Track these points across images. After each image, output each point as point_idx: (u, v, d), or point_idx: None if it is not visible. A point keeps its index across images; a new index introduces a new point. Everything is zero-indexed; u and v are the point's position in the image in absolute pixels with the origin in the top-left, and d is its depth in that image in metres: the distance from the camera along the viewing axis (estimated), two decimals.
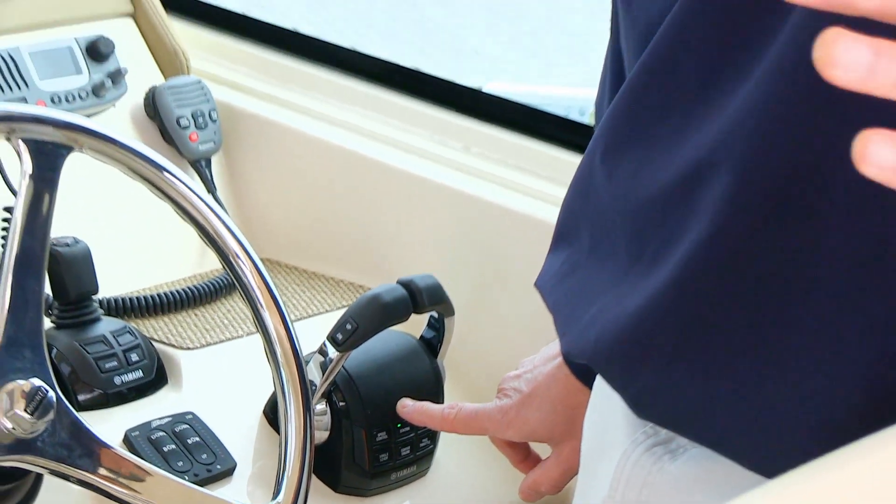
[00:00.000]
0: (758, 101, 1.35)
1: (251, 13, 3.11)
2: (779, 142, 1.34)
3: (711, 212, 1.37)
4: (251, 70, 2.85)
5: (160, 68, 2.74)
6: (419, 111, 2.64)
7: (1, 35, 2.56)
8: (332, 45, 2.90)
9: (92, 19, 2.67)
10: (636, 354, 1.44)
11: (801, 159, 1.35)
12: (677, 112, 1.44)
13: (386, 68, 2.79)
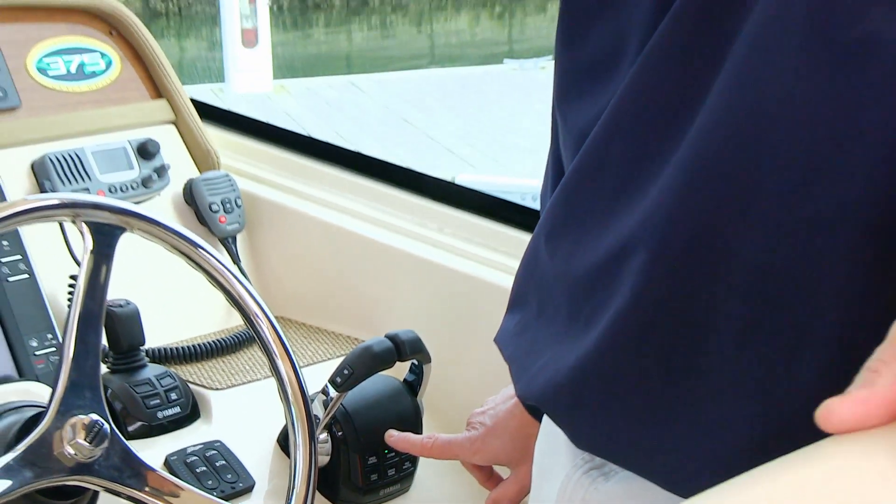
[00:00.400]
0: (667, 195, 1.36)
1: (270, 121, 3.12)
2: (685, 226, 1.35)
3: (631, 283, 1.37)
4: (269, 166, 2.85)
5: (196, 164, 2.74)
6: (403, 199, 2.65)
7: (70, 138, 2.57)
8: (334, 146, 2.90)
9: (142, 126, 2.68)
10: (574, 399, 1.45)
11: (703, 240, 1.35)
12: (604, 204, 1.44)
13: (377, 165, 2.79)
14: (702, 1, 1.37)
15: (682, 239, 1.35)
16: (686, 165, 1.34)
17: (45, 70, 2.61)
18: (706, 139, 1.35)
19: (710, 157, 1.35)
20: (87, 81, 2.66)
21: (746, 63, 1.33)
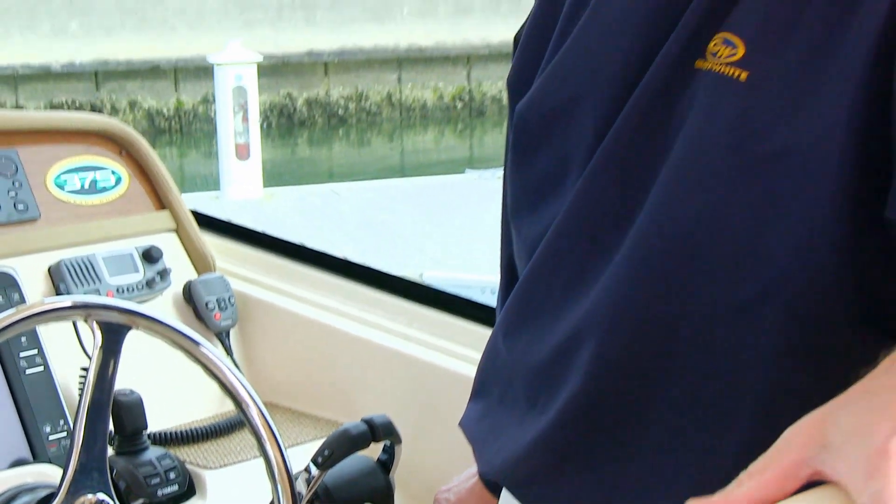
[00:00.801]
0: (612, 291, 1.38)
1: (261, 225, 3.13)
2: (628, 317, 1.36)
3: (581, 369, 1.39)
4: (258, 268, 2.85)
5: (194, 267, 2.74)
6: (376, 297, 2.66)
7: (83, 245, 2.58)
8: (316, 250, 2.91)
9: (147, 234, 2.68)
10: (529, 473, 1.47)
11: (645, 328, 1.37)
12: (555, 302, 1.46)
13: (353, 267, 2.80)
14: (636, 125, 1.39)
15: (626, 328, 1.36)
16: (628, 265, 1.36)
17: (63, 186, 2.63)
18: (645, 242, 1.36)
19: (648, 257, 1.36)
20: (99, 195, 2.67)
21: (677, 175, 1.34)
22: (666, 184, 1.36)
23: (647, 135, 1.39)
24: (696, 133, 1.34)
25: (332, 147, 20.74)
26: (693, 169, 1.34)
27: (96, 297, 2.20)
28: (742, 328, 1.32)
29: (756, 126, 1.29)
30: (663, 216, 1.36)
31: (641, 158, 1.39)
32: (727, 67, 1.32)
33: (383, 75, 21.43)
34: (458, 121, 21.44)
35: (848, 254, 1.27)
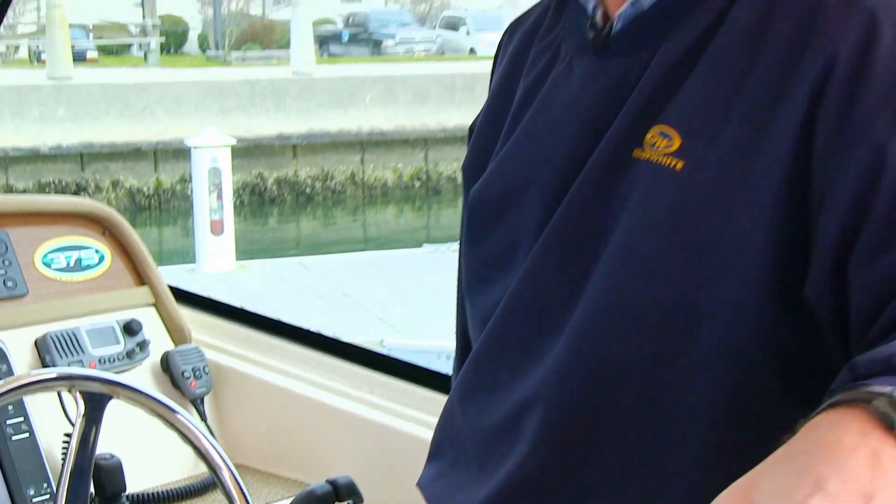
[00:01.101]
0: (558, 363, 1.38)
1: (234, 296, 3.12)
2: (573, 387, 1.37)
3: (530, 435, 1.39)
4: (231, 339, 2.83)
5: (172, 339, 2.72)
6: (341, 366, 2.65)
7: (68, 319, 2.56)
8: (285, 323, 2.90)
9: (127, 308, 2.67)
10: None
11: (587, 398, 1.37)
12: (506, 372, 1.46)
13: (318, 339, 2.79)
14: (579, 209, 1.40)
15: (571, 399, 1.37)
16: (573, 340, 1.37)
17: (50, 264, 2.61)
18: (588, 319, 1.37)
19: (591, 333, 1.37)
20: (83, 273, 2.65)
21: (618, 257, 1.35)
22: (608, 265, 1.37)
23: (590, 219, 1.40)
24: (636, 218, 1.35)
25: (300, 223, 20.73)
26: (633, 251, 1.35)
27: (79, 368, 2.19)
28: (677, 399, 1.33)
29: (690, 212, 1.30)
30: (605, 295, 1.37)
31: (584, 240, 1.40)
32: (664, 157, 1.33)
33: (347, 157, 21.49)
34: (416, 198, 21.50)
35: (773, 330, 1.28)
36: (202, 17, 39.59)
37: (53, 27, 22.68)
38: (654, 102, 1.36)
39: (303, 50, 23.91)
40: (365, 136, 21.58)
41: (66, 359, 2.48)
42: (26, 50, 28.87)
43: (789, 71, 1.27)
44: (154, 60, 28.83)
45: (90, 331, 2.56)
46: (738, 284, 1.28)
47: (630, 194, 1.35)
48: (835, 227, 1.22)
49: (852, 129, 1.22)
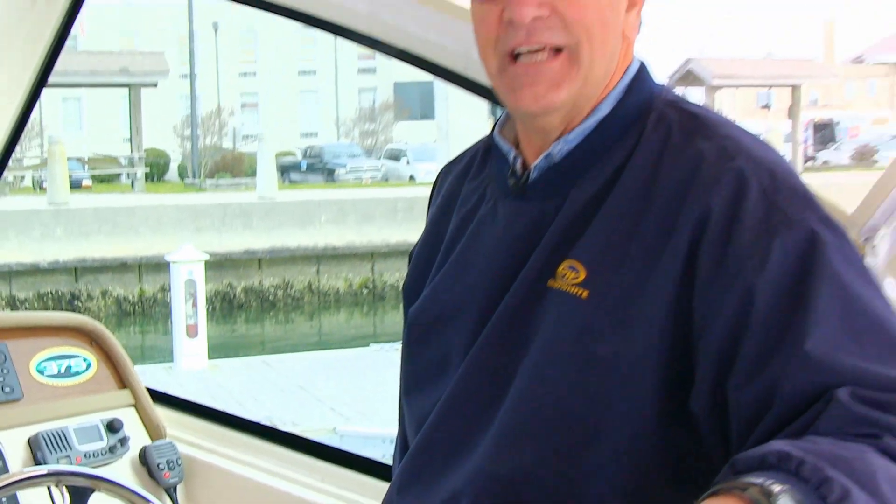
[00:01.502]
0: (483, 462, 1.38)
1: (207, 391, 3.08)
2: (495, 483, 1.36)
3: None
4: (200, 434, 2.79)
5: (149, 435, 2.68)
6: (296, 458, 2.61)
7: (58, 420, 2.52)
8: (248, 420, 2.87)
9: (110, 409, 2.63)
10: None
11: (508, 492, 1.36)
12: (438, 467, 1.45)
13: (277, 433, 2.77)
14: (501, 330, 1.41)
15: (492, 493, 1.36)
16: (494, 443, 1.38)
17: (43, 371, 2.58)
18: (508, 425, 1.38)
19: (510, 437, 1.37)
20: (72, 378, 2.62)
21: (533, 371, 1.36)
22: (524, 378, 1.37)
23: (509, 340, 1.40)
24: (548, 338, 1.36)
25: (264, 325, 20.60)
26: (545, 367, 1.36)
27: (66, 466, 2.14)
28: (582, 495, 1.33)
29: (594, 335, 1.32)
30: (522, 405, 1.37)
31: (505, 357, 1.40)
32: (572, 287, 1.35)
33: (305, 268, 21.47)
34: (364, 304, 21.47)
35: (664, 437, 1.30)
36: (181, 150, 39.61)
37: (54, 160, 22.64)
38: (565, 241, 1.38)
39: (267, 178, 23.97)
40: (320, 250, 21.61)
41: (55, 454, 2.43)
42: (30, 179, 28.69)
43: (674, 219, 1.30)
44: (140, 187, 28.73)
45: (77, 429, 2.52)
46: (633, 398, 1.29)
47: (544, 318, 1.37)
48: (713, 354, 1.24)
49: (726, 270, 1.25)
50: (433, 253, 1.60)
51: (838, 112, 50.03)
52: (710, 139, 1.34)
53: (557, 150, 1.42)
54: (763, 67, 36.79)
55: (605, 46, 1.39)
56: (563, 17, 1.35)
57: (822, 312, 1.19)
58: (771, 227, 1.25)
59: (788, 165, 1.35)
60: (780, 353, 1.19)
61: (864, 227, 1.55)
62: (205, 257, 14.11)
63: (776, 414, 1.16)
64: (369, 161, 38.67)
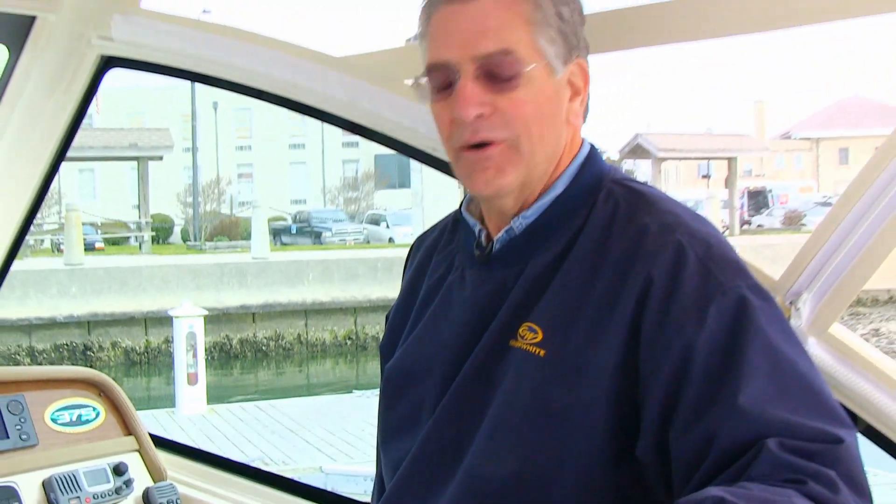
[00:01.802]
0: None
1: (206, 433, 3.04)
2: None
3: None
4: (197, 476, 2.74)
5: (151, 477, 2.63)
6: (285, 499, 2.58)
7: (69, 464, 2.48)
8: (241, 463, 2.83)
9: (117, 454, 2.58)
10: None
11: None
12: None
13: (268, 475, 2.73)
14: (468, 385, 1.41)
15: None
16: (461, 487, 1.38)
17: (56, 420, 2.55)
18: (473, 471, 1.38)
19: (475, 482, 1.37)
20: (83, 426, 2.59)
21: (495, 423, 1.36)
22: (487, 429, 1.38)
23: (475, 394, 1.41)
24: (510, 391, 1.36)
25: (258, 374, 20.43)
26: (506, 419, 1.36)
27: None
28: None
29: (550, 390, 1.32)
30: (485, 453, 1.37)
31: (470, 409, 1.41)
32: (531, 347, 1.35)
33: (295, 322, 21.35)
34: (347, 354, 21.35)
35: (613, 480, 1.30)
36: (184, 215, 39.53)
37: (70, 225, 22.53)
38: (524, 305, 1.39)
39: (260, 240, 23.92)
40: (308, 305, 21.53)
41: (67, 496, 2.40)
42: (49, 242, 28.49)
43: (620, 285, 1.31)
44: (147, 249, 28.56)
45: (87, 472, 2.49)
46: (585, 445, 1.29)
47: (506, 374, 1.37)
48: (657, 406, 1.25)
49: (668, 331, 1.26)
50: (406, 316, 1.61)
51: (770, 181, 50.52)
52: (653, 214, 1.36)
53: (517, 224, 1.44)
54: (703, 142, 37.12)
55: (544, 137, 1.40)
56: (503, 115, 1.37)
57: (752, 370, 1.20)
58: (707, 294, 1.26)
59: (723, 238, 1.37)
60: (716, 405, 1.20)
61: (788, 292, 1.55)
62: (204, 312, 14.04)
63: (713, 461, 1.17)
64: (352, 225, 38.66)
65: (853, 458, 1.14)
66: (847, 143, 57.74)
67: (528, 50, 1.35)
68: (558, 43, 1.38)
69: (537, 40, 1.36)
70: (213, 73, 2.14)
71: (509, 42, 1.34)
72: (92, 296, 20.35)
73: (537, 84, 1.36)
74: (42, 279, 20.12)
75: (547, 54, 1.36)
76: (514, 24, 1.35)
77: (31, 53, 2.36)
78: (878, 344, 20.02)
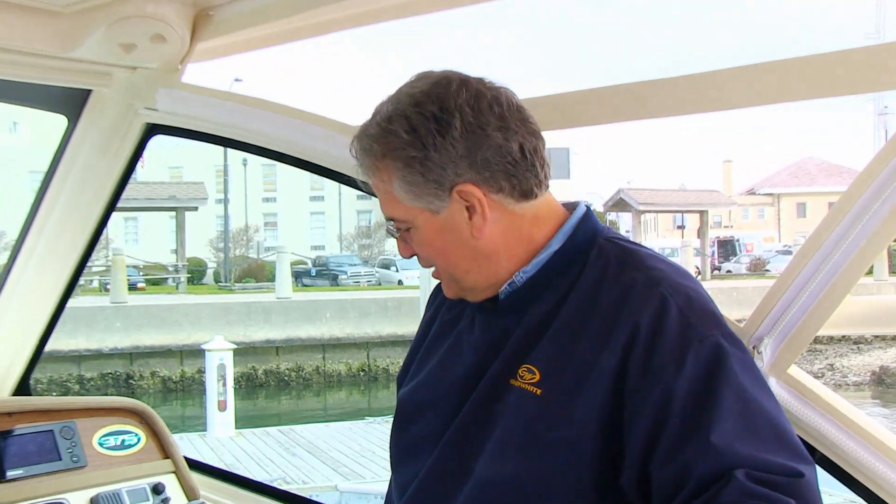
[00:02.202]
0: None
1: (232, 455, 3.01)
2: None
3: None
4: (226, 495, 2.73)
5: (186, 496, 2.61)
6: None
7: (114, 484, 2.48)
8: (267, 485, 2.81)
9: (155, 475, 2.59)
10: None
11: None
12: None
13: (285, 494, 2.71)
14: (471, 417, 1.42)
15: None
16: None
17: (103, 444, 2.55)
18: (475, 493, 1.37)
19: (478, 500, 1.36)
20: (125, 450, 2.58)
21: (494, 452, 1.37)
22: (488, 456, 1.38)
23: (478, 424, 1.41)
24: (508, 426, 1.37)
25: (280, 401, 20.32)
26: (504, 449, 1.36)
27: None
28: None
29: (545, 424, 1.33)
30: (486, 477, 1.37)
31: (474, 438, 1.41)
32: (529, 386, 1.36)
33: (314, 355, 21.29)
34: (361, 384, 21.24)
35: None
36: (216, 259, 39.52)
37: (116, 268, 22.56)
38: (524, 348, 1.40)
39: (284, 282, 23.89)
40: (325, 340, 21.47)
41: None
42: (97, 282, 28.49)
43: (609, 332, 1.32)
44: (182, 289, 28.56)
45: (129, 491, 2.48)
46: (574, 473, 1.30)
47: (505, 410, 1.38)
48: (639, 440, 1.25)
49: (650, 373, 1.27)
50: (419, 350, 1.63)
51: (737, 231, 50.50)
52: (640, 270, 1.37)
53: (518, 279, 1.45)
54: (677, 196, 37.18)
55: (461, 262, 1.44)
56: (422, 256, 1.46)
57: (724, 410, 1.22)
58: (686, 341, 1.28)
59: (703, 291, 1.38)
60: (692, 441, 1.21)
61: (752, 337, 1.56)
62: (233, 346, 13.99)
63: (689, 490, 1.18)
64: (366, 269, 38.61)
65: (812, 491, 1.16)
66: (805, 199, 57.86)
67: (401, 211, 1.42)
68: (429, 183, 1.38)
69: (404, 199, 1.40)
70: (241, 138, 2.17)
71: (390, 210, 1.44)
72: (134, 330, 20.33)
73: (423, 231, 1.42)
74: (90, 315, 20.11)
75: (418, 205, 1.40)
76: (388, 194, 1.42)
77: (86, 122, 2.39)
78: (833, 378, 19.92)
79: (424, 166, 1.36)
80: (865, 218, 1.42)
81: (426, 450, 1.47)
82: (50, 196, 2.50)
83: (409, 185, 1.38)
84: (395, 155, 1.37)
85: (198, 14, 2.06)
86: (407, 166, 1.37)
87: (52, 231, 2.53)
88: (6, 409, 2.43)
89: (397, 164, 1.37)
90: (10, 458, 2.34)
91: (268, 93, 2.17)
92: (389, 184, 1.39)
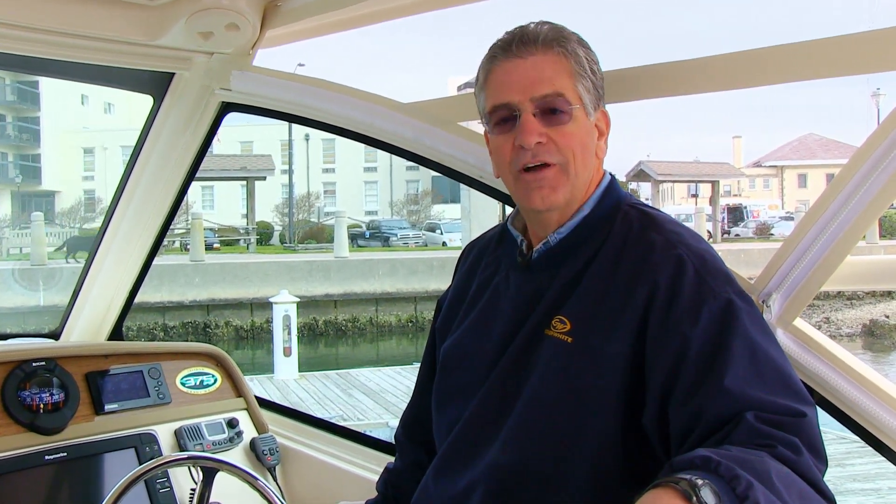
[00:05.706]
0: (496, 457, 1.39)
1: (297, 396, 3.02)
2: (501, 475, 1.37)
3: (476, 503, 1.38)
4: (292, 430, 2.75)
5: (256, 430, 2.66)
6: (361, 450, 2.55)
7: (195, 418, 2.53)
8: (328, 421, 2.82)
9: (230, 411, 2.62)
10: None
11: (510, 483, 1.38)
12: (462, 461, 1.45)
13: (346, 430, 2.71)
14: (510, 364, 1.41)
15: (500, 481, 1.36)
16: (502, 445, 1.38)
17: (185, 383, 2.59)
18: (513, 433, 1.37)
19: (514, 441, 1.37)
20: (204, 389, 2.62)
21: (531, 395, 1.36)
22: (525, 400, 1.38)
23: (516, 371, 1.41)
24: (543, 372, 1.36)
25: (338, 348, 20.54)
26: (540, 393, 1.36)
27: (201, 453, 2.13)
28: (565, 488, 1.33)
29: (575, 370, 1.33)
30: (523, 417, 1.38)
31: (512, 383, 1.41)
32: (561, 335, 1.36)
33: (367, 308, 21.44)
34: (409, 334, 21.39)
35: (623, 445, 1.31)
36: (282, 223, 39.79)
37: (195, 230, 22.83)
38: (557, 302, 1.39)
39: (341, 243, 24.03)
40: (378, 295, 21.61)
41: (192, 442, 2.44)
42: (178, 243, 28.88)
43: (632, 288, 1.31)
44: (252, 249, 28.83)
45: (207, 425, 2.53)
46: (602, 416, 1.29)
47: (540, 357, 1.37)
48: (659, 384, 1.24)
49: (669, 326, 1.26)
50: (459, 305, 1.62)
51: (745, 199, 49.78)
52: (660, 233, 1.36)
53: (553, 238, 1.44)
54: (692, 168, 36.68)
55: (585, 163, 1.41)
56: (557, 144, 1.39)
57: (736, 358, 1.21)
58: (701, 297, 1.27)
59: (715, 253, 1.37)
60: (705, 386, 1.20)
61: (761, 292, 1.55)
62: (296, 300, 14.13)
63: (702, 430, 1.18)
64: (414, 231, 38.62)
65: (813, 429, 1.15)
66: (805, 171, 56.80)
67: (573, 94, 1.39)
68: (591, 93, 1.42)
69: (578, 88, 1.40)
70: (305, 115, 2.17)
71: (560, 87, 1.38)
72: (210, 285, 20.60)
73: (579, 122, 1.39)
74: (173, 272, 20.41)
75: (585, 100, 1.40)
76: (562, 74, 1.39)
77: (169, 101, 2.41)
78: (829, 329, 19.70)
79: (596, 76, 1.42)
80: (863, 189, 1.42)
81: (468, 395, 1.48)
82: (138, 167, 2.53)
83: (585, 82, 1.41)
84: (586, 56, 1.42)
85: (268, 5, 2.07)
86: (590, 69, 1.41)
87: (140, 198, 2.57)
88: (103, 351, 2.48)
89: (584, 61, 1.41)
90: (106, 394, 2.39)
91: (326, 75, 2.16)
92: (576, 68, 1.40)
